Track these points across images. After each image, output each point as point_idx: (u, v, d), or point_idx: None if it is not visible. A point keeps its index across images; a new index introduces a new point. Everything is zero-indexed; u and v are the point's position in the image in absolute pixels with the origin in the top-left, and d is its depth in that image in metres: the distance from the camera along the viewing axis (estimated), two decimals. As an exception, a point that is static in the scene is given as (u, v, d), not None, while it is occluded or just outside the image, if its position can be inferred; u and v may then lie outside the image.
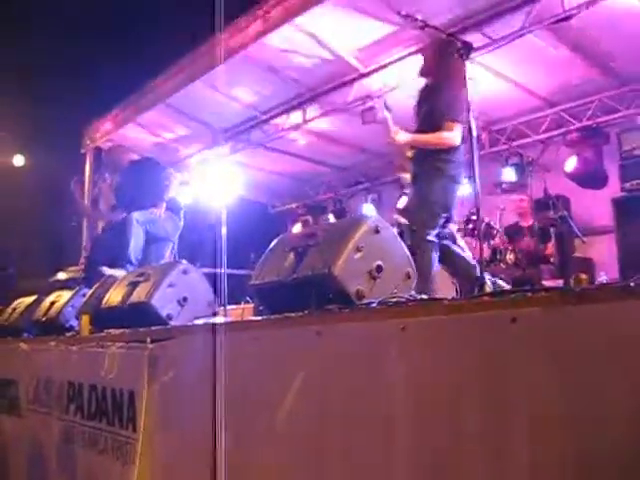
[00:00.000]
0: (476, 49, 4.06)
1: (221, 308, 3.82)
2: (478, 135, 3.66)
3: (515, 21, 5.18)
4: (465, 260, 3.78)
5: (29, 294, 4.34)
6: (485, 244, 5.36)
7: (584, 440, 1.06)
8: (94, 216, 5.98)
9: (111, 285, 3.13)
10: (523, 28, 5.15)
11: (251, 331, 1.94)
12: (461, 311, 1.35)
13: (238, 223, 6.38)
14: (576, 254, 6.19)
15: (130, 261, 4.70)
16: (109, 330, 2.77)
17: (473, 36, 4.93)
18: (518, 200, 6.45)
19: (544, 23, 5.07)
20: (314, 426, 1.59)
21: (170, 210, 5.21)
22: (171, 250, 5.30)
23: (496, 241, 5.81)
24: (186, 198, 6.29)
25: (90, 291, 3.46)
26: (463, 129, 3.55)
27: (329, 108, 7.05)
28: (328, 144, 8.23)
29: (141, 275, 2.94)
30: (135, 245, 4.79)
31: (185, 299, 2.75)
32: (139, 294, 2.78)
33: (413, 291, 1.99)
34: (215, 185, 6.54)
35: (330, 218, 8.95)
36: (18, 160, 10.71)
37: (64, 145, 9.52)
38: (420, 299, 1.84)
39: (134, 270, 3.93)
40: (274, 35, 5.86)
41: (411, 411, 1.36)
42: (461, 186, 3.75)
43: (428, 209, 3.60)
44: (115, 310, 2.91)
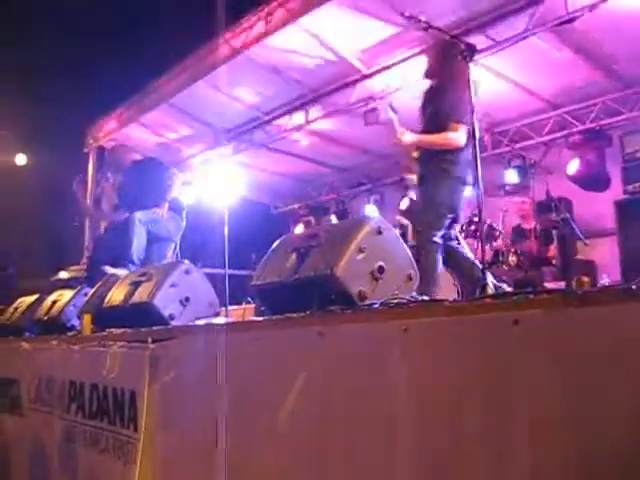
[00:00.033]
0: (479, 51, 4.07)
1: (222, 308, 3.82)
2: (480, 137, 3.65)
3: (518, 23, 5.17)
4: (470, 262, 3.78)
5: (30, 294, 4.34)
6: (487, 246, 5.35)
7: (586, 442, 1.06)
8: (96, 216, 5.97)
9: (113, 284, 3.13)
10: (526, 30, 5.14)
11: (252, 332, 1.94)
12: (463, 313, 1.35)
13: (240, 224, 6.39)
14: (578, 256, 6.17)
15: (132, 261, 4.70)
16: (111, 330, 2.77)
17: (476, 38, 4.93)
18: (520, 202, 6.45)
19: (547, 25, 5.06)
20: (316, 427, 1.59)
21: (172, 210, 5.20)
22: (173, 250, 5.29)
23: (498, 243, 5.81)
24: (188, 198, 6.28)
25: (92, 290, 3.45)
26: (467, 130, 3.56)
27: (332, 109, 7.05)
28: (330, 145, 8.23)
29: (143, 275, 2.94)
30: (137, 245, 4.79)
31: (187, 299, 2.75)
32: (141, 294, 2.78)
33: (414, 292, 1.99)
34: (217, 185, 6.53)
35: (332, 219, 8.94)
36: (20, 159, 10.67)
37: (64, 145, 9.53)
38: (422, 300, 1.85)
39: (136, 270, 3.93)
40: (277, 36, 5.88)
41: (413, 412, 1.36)
42: (468, 187, 3.75)
43: (434, 210, 3.61)
44: (117, 310, 2.91)
